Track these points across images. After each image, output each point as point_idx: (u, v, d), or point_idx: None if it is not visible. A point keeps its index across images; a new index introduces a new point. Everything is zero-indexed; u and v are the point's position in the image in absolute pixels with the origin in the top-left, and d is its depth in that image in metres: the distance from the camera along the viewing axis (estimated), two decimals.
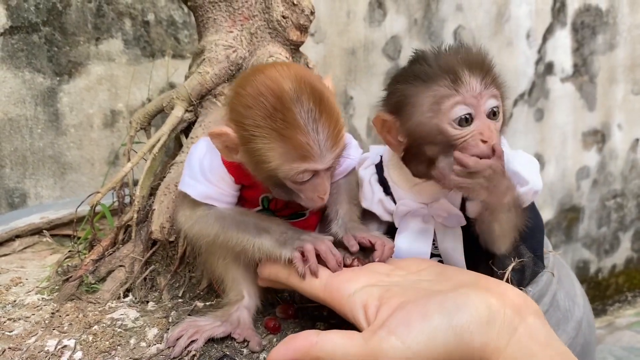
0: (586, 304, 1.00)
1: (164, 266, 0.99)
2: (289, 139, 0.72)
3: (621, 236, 2.74)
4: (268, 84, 0.74)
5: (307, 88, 0.73)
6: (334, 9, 1.91)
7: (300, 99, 0.72)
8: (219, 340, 0.83)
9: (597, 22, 2.43)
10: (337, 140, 0.75)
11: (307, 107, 0.72)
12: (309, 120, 0.72)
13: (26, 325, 0.88)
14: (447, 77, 0.75)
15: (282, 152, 0.73)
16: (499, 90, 0.78)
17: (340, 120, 0.76)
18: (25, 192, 1.57)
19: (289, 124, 0.72)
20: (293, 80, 0.74)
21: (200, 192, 0.83)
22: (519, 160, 0.82)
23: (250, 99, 0.74)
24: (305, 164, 0.74)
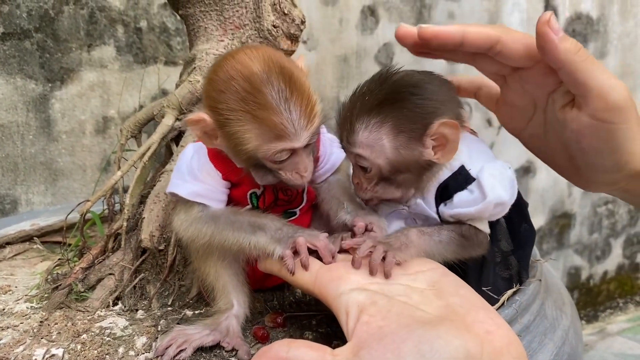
0: (574, 313, 1.01)
1: (153, 274, 0.99)
2: (263, 120, 0.73)
3: (612, 242, 2.76)
4: (238, 68, 0.75)
5: (276, 68, 0.74)
6: (327, 16, 1.92)
7: (270, 80, 0.73)
8: (207, 349, 0.83)
9: (588, 30, 2.45)
10: (311, 117, 0.76)
11: (278, 87, 0.73)
12: (280, 99, 0.73)
13: (14, 334, 0.88)
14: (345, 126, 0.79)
15: (257, 133, 0.74)
16: (364, 150, 0.77)
17: (312, 98, 0.76)
18: (16, 199, 1.57)
19: (261, 105, 0.73)
20: (262, 61, 0.74)
21: (189, 191, 0.83)
22: (490, 171, 0.81)
23: (222, 83, 0.75)
24: (281, 143, 0.75)
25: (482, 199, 0.79)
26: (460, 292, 0.69)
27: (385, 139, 0.75)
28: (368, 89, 0.77)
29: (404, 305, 0.64)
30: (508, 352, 0.59)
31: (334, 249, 0.77)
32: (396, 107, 0.74)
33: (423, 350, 0.56)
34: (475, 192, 0.80)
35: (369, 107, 0.76)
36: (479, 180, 0.80)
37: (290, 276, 0.77)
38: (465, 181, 0.81)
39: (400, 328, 0.60)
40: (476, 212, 0.80)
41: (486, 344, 0.58)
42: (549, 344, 0.86)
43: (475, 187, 0.80)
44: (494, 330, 0.61)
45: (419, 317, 0.62)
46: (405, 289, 0.69)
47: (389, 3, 2.01)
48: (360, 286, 0.69)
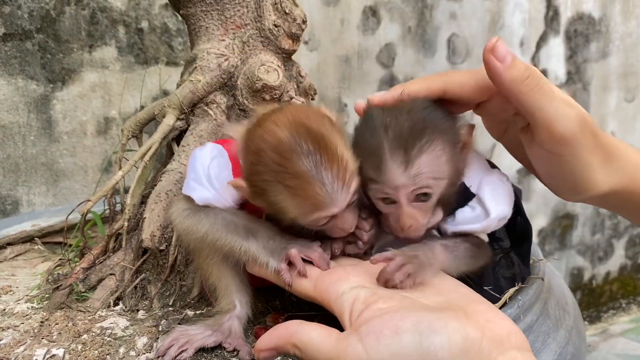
0: (577, 313, 1.00)
1: (154, 275, 0.99)
2: (297, 190, 0.71)
3: (615, 243, 2.75)
4: (266, 138, 0.72)
5: (304, 132, 0.71)
6: (328, 17, 1.92)
7: (299, 145, 0.70)
8: (209, 349, 0.83)
9: (590, 30, 2.45)
10: (347, 179, 0.73)
11: (307, 153, 0.70)
12: (311, 166, 0.70)
13: (15, 334, 0.87)
14: (373, 161, 0.74)
15: (294, 203, 0.72)
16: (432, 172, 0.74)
17: (345, 158, 0.73)
18: (18, 200, 1.57)
19: (293, 175, 0.70)
20: (288, 127, 0.72)
21: (204, 198, 0.83)
22: (489, 186, 0.81)
23: (253, 156, 0.74)
24: (319, 212, 0.73)
25: (485, 216, 0.79)
26: (461, 291, 0.69)
27: (442, 155, 0.73)
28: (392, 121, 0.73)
29: (406, 297, 0.65)
30: (509, 340, 0.58)
31: (327, 258, 0.77)
32: (432, 124, 0.72)
33: (421, 328, 0.57)
34: (477, 209, 0.80)
35: (414, 133, 0.72)
36: (480, 197, 0.80)
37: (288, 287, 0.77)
38: (465, 198, 0.81)
39: (400, 309, 0.61)
40: (481, 229, 0.81)
41: (487, 331, 0.57)
42: (552, 344, 0.86)
43: (476, 204, 0.80)
44: (495, 320, 0.60)
45: (420, 305, 0.63)
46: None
47: (390, 3, 2.01)
48: (361, 284, 0.69)
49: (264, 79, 0.99)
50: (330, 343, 0.60)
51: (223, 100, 1.04)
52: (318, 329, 0.63)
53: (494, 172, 0.84)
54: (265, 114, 0.84)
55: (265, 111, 0.84)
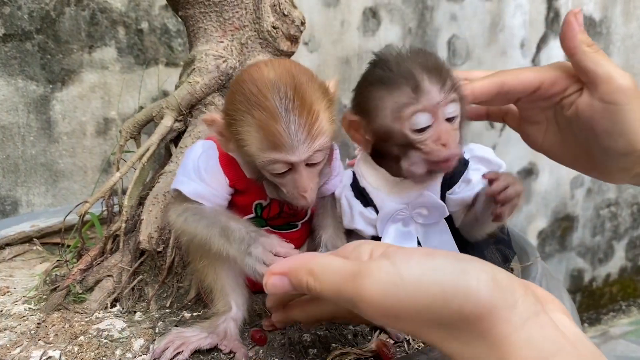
0: (575, 316, 1.00)
1: (152, 276, 0.99)
2: (262, 124, 0.72)
3: (615, 245, 2.74)
4: (252, 72, 0.76)
5: (288, 78, 0.73)
6: (328, 18, 1.92)
7: (277, 86, 0.72)
8: (205, 351, 0.83)
9: (591, 32, 2.44)
10: (313, 132, 0.73)
11: (283, 95, 0.71)
12: (282, 108, 0.71)
13: (11, 336, 0.87)
14: (408, 85, 0.78)
15: (257, 137, 0.73)
16: (457, 95, 0.80)
17: (319, 114, 0.74)
18: (17, 200, 1.57)
19: (263, 108, 0.72)
20: (277, 69, 0.74)
21: (192, 190, 0.83)
22: (479, 149, 0.89)
23: (235, 85, 0.77)
24: (276, 154, 0.73)
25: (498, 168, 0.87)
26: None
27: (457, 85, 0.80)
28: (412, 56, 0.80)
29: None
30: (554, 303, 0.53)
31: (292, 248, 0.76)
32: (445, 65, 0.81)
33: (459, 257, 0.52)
34: (482, 169, 0.85)
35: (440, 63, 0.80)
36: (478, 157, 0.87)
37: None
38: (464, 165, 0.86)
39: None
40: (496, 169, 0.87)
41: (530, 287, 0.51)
42: None
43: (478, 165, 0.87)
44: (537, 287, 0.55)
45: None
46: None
47: (390, 5, 2.01)
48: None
49: None
50: (351, 265, 0.55)
51: (221, 102, 1.04)
52: (336, 256, 0.59)
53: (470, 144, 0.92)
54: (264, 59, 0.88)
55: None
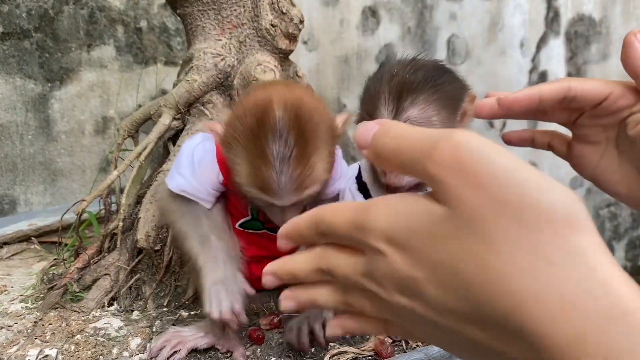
0: None
1: (149, 275, 0.99)
2: (254, 166, 0.72)
3: (615, 245, 2.74)
4: (260, 103, 0.73)
5: (295, 122, 0.71)
6: (327, 17, 1.92)
7: (280, 132, 0.70)
8: (202, 350, 0.83)
9: (591, 32, 2.44)
10: (302, 185, 0.73)
11: (283, 144, 0.70)
12: (277, 157, 0.70)
13: (8, 334, 0.87)
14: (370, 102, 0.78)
15: (246, 172, 0.73)
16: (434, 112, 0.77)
17: (316, 167, 0.74)
18: (15, 199, 1.57)
19: (259, 151, 0.71)
20: (285, 108, 0.71)
21: (175, 185, 0.83)
22: None
23: (241, 109, 0.74)
24: (263, 195, 0.74)
25: None
26: None
27: (434, 116, 0.76)
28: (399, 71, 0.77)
29: None
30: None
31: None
32: (438, 85, 0.76)
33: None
34: None
35: (413, 87, 0.75)
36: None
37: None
38: None
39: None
40: None
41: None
42: None
43: None
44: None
45: None
46: None
47: (390, 4, 2.01)
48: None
49: (261, 79, 0.98)
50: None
51: (219, 100, 1.03)
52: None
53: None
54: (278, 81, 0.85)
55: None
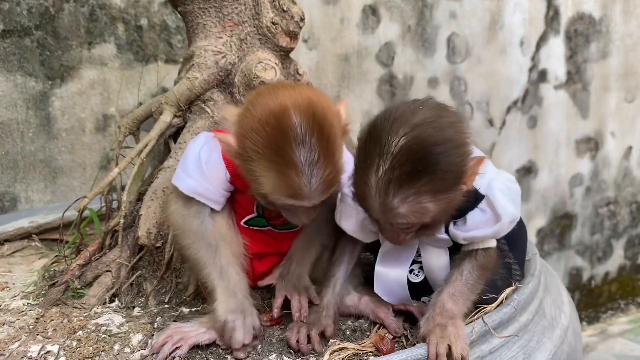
0: (573, 313, 1.00)
1: (150, 272, 0.99)
2: (284, 175, 0.73)
3: (614, 243, 2.74)
4: (275, 112, 0.74)
5: (315, 125, 0.73)
6: (328, 15, 1.92)
7: (303, 138, 0.72)
8: (203, 347, 0.83)
9: (591, 31, 2.44)
10: (331, 185, 0.76)
11: (308, 149, 0.72)
12: (307, 162, 0.73)
13: (10, 331, 0.87)
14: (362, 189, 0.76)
15: (274, 183, 0.75)
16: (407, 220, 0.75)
17: (339, 164, 0.77)
18: (16, 196, 1.57)
19: (287, 160, 0.73)
20: (302, 113, 0.73)
21: (187, 186, 0.84)
22: (498, 186, 0.81)
23: (256, 122, 0.75)
24: (292, 200, 0.76)
25: (495, 220, 0.80)
26: None
27: (428, 203, 0.73)
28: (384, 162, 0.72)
29: None
30: None
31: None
32: (428, 173, 0.72)
33: None
34: (487, 212, 0.81)
35: (398, 183, 0.72)
36: (489, 199, 0.81)
37: None
38: (475, 199, 0.81)
39: None
40: (493, 234, 0.82)
41: None
42: (547, 343, 0.86)
43: (486, 206, 0.81)
44: None
45: None
46: None
47: (390, 2, 2.01)
48: None
49: (261, 77, 0.99)
50: None
51: (220, 98, 1.04)
52: None
53: (502, 173, 0.85)
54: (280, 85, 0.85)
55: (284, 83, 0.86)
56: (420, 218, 0.74)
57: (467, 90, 2.20)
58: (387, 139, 0.72)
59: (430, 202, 0.73)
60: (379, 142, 0.72)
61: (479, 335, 0.79)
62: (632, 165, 2.68)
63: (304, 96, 0.76)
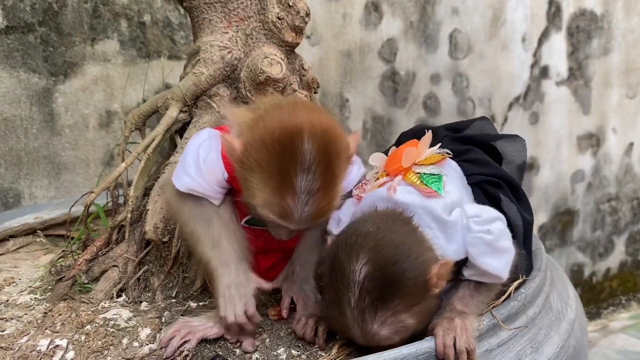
0: (579, 306, 1.00)
1: (157, 266, 0.99)
2: (279, 195, 0.74)
3: (615, 240, 2.75)
4: (289, 133, 0.74)
5: (324, 158, 0.74)
6: (330, 11, 1.92)
7: (309, 165, 0.73)
8: (211, 340, 0.83)
9: (592, 27, 2.45)
10: (320, 216, 0.77)
11: (310, 178, 0.73)
12: (306, 190, 0.73)
13: (18, 325, 0.88)
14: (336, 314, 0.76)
15: (268, 199, 0.75)
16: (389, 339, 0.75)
17: (336, 197, 0.77)
18: (20, 193, 1.57)
19: (287, 183, 0.73)
20: (316, 142, 0.73)
21: (183, 184, 0.84)
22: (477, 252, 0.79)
23: (266, 135, 0.75)
24: (279, 220, 0.77)
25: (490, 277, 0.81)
26: None
27: (407, 320, 0.74)
28: (353, 294, 0.73)
29: None
30: None
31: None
32: (398, 293, 0.73)
33: None
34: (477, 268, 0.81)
35: (373, 310, 0.73)
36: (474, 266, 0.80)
37: None
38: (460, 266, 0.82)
39: None
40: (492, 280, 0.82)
41: None
42: (554, 337, 0.86)
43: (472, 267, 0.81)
44: None
45: None
46: None
47: None
48: None
49: (267, 72, 0.99)
50: None
51: (226, 93, 1.04)
52: None
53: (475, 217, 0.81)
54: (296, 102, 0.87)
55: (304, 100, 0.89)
56: (403, 335, 0.75)
57: (469, 87, 2.20)
58: (350, 269, 0.73)
59: (408, 319, 0.74)
60: (344, 274, 0.73)
61: (488, 328, 0.79)
62: (634, 161, 2.68)
63: (322, 123, 0.77)
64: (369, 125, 2.04)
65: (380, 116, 2.06)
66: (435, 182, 0.83)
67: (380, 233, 0.75)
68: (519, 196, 0.95)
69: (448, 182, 0.85)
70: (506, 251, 0.81)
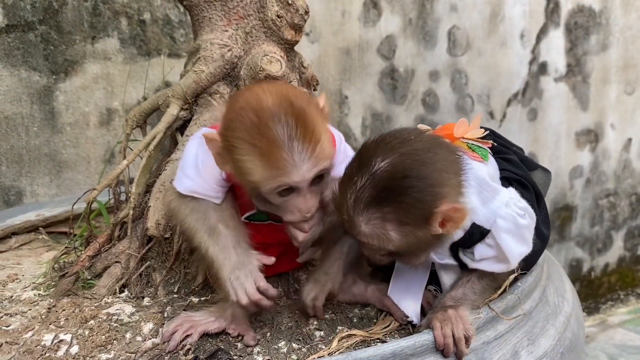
0: (575, 300, 1.02)
1: (159, 262, 1.00)
2: (265, 152, 0.75)
3: (614, 235, 2.76)
4: (250, 100, 0.77)
5: (288, 105, 0.75)
6: (329, 8, 1.93)
7: (278, 115, 0.74)
8: (213, 334, 0.84)
9: (591, 23, 2.45)
10: (315, 154, 0.76)
11: (285, 124, 0.74)
12: (284, 135, 0.74)
13: (23, 320, 0.89)
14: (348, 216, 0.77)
15: (259, 164, 0.76)
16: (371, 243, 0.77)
17: (320, 138, 0.77)
18: (21, 190, 1.58)
19: (265, 138, 0.74)
20: (274, 96, 0.76)
21: (184, 187, 0.85)
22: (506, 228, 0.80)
23: (233, 112, 0.78)
24: (281, 177, 0.76)
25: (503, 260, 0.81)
26: None
27: (391, 231, 0.74)
28: (361, 180, 0.74)
29: None
30: None
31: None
32: (395, 202, 0.73)
33: None
34: (494, 249, 0.81)
35: (367, 203, 0.74)
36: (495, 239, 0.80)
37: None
38: (480, 235, 0.81)
39: None
40: (501, 269, 0.83)
41: None
42: (550, 330, 0.87)
43: (492, 242, 0.81)
44: None
45: None
46: None
47: None
48: None
49: (267, 69, 1.00)
50: None
51: (226, 91, 1.05)
52: None
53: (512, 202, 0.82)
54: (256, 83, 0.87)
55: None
56: (382, 244, 0.75)
57: (468, 83, 2.21)
58: (373, 159, 0.74)
59: (392, 231, 0.74)
60: (366, 160, 0.74)
61: (485, 321, 0.80)
62: (632, 157, 2.69)
63: (277, 86, 0.81)
64: (368, 122, 2.05)
65: (379, 113, 2.07)
66: (482, 152, 0.86)
67: (418, 145, 0.75)
68: (540, 207, 0.94)
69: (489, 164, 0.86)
70: (527, 243, 0.81)
